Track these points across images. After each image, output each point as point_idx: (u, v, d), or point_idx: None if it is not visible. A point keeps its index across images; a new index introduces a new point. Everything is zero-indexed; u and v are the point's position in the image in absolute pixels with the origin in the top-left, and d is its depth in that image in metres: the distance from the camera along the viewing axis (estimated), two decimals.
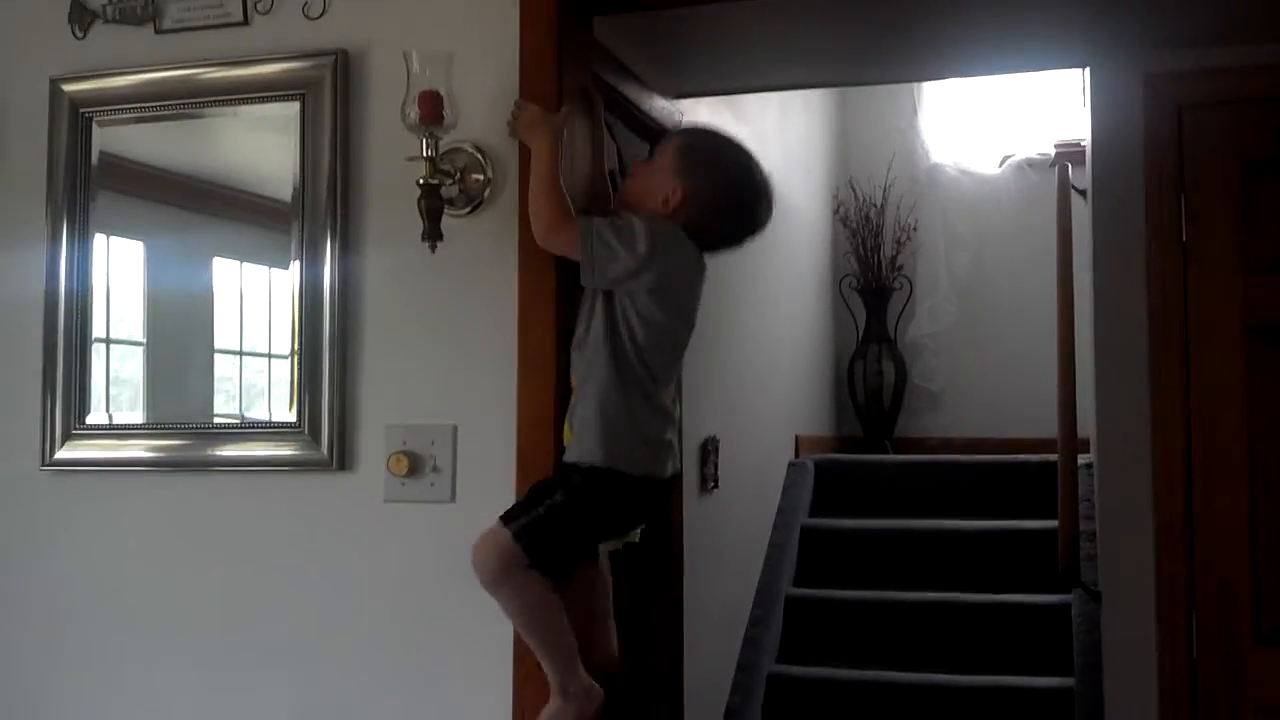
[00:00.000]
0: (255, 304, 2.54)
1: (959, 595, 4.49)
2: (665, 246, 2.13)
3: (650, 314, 2.12)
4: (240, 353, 2.58)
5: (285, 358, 2.45)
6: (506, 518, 2.11)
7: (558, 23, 2.32)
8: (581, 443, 2.13)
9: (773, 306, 4.97)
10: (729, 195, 2.23)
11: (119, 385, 2.62)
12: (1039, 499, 4.64)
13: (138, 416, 2.58)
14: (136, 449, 2.53)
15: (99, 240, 2.61)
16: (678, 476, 2.28)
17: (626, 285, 2.12)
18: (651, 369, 2.14)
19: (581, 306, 2.21)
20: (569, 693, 2.11)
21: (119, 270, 2.63)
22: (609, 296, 2.14)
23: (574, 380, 2.20)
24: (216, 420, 2.53)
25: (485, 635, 2.27)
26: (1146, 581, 3.25)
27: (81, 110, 2.58)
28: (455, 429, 2.34)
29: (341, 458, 2.38)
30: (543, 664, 2.13)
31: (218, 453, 2.47)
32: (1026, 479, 4.92)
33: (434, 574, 2.33)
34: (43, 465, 2.57)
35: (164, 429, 2.53)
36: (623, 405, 2.12)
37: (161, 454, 2.51)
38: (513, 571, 2.06)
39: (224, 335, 2.58)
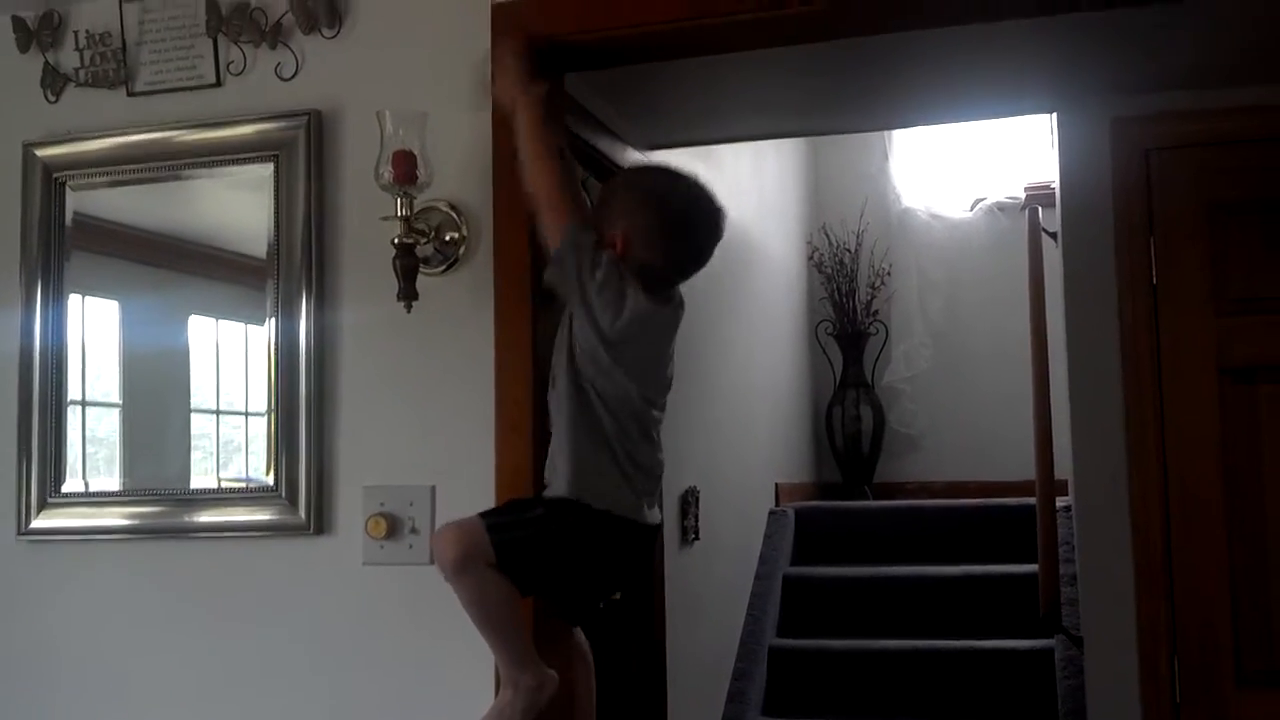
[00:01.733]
0: (232, 361, 2.54)
1: (942, 642, 4.47)
2: (618, 293, 2.10)
3: (602, 361, 2.10)
4: (217, 411, 2.57)
5: (262, 415, 2.44)
6: (484, 514, 2.11)
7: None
8: (554, 479, 2.13)
9: (749, 354, 4.98)
10: (666, 225, 2.18)
11: (95, 444, 2.61)
12: (1019, 542, 4.63)
13: (114, 481, 2.57)
14: (113, 517, 2.51)
15: (74, 300, 2.61)
16: (659, 528, 2.26)
17: (572, 301, 2.11)
18: (618, 418, 2.12)
19: (555, 347, 2.20)
20: (520, 687, 2.11)
21: (94, 330, 2.63)
22: (569, 338, 2.13)
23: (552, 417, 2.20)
24: (194, 486, 2.50)
25: (467, 693, 2.25)
26: (1128, 625, 3.24)
27: (55, 175, 2.58)
28: (433, 489, 2.33)
29: (319, 521, 2.37)
30: (495, 656, 2.14)
31: (195, 519, 2.45)
32: (1006, 523, 4.92)
33: (413, 636, 2.31)
34: (19, 535, 2.55)
35: (141, 496, 2.51)
36: (589, 447, 2.11)
37: (138, 521, 2.49)
38: (476, 563, 2.05)
39: (201, 393, 2.58)
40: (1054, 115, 3.67)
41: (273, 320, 2.43)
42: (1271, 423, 3.22)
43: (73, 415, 2.59)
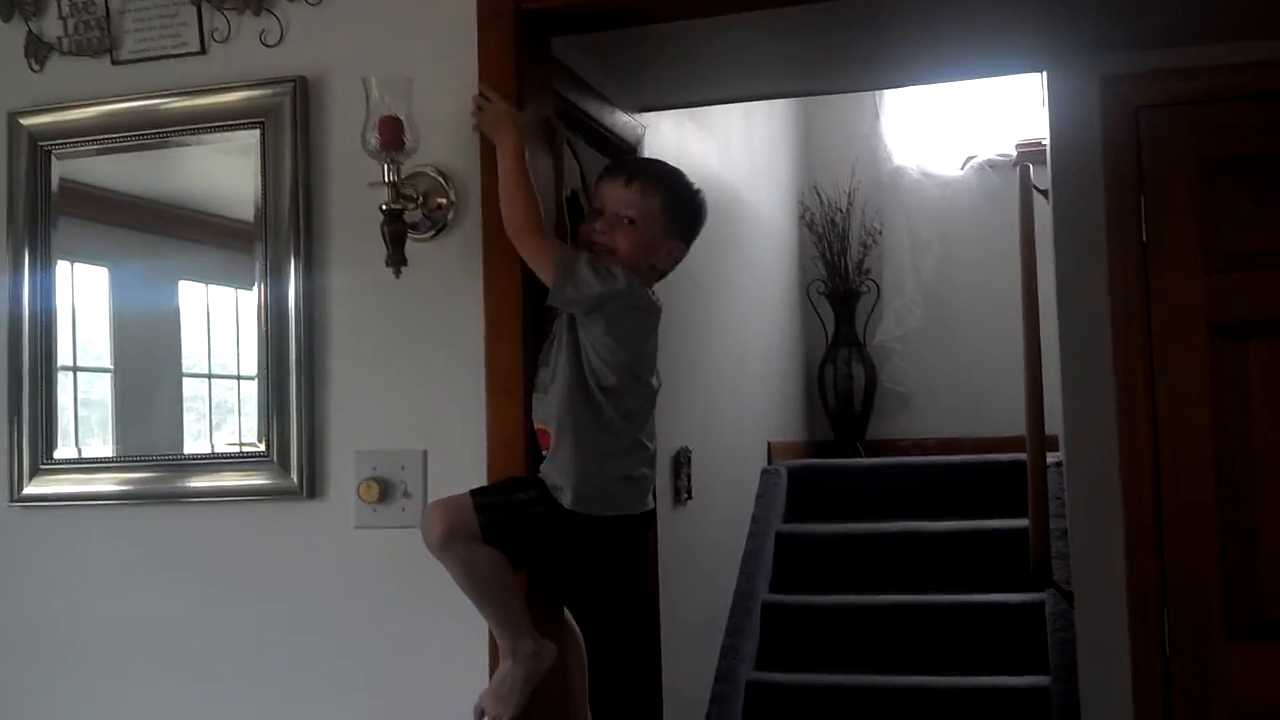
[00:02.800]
0: (223, 326, 2.54)
1: (933, 597, 4.51)
2: (636, 295, 2.15)
3: (615, 357, 2.12)
4: (209, 375, 2.57)
5: (253, 379, 2.44)
6: (475, 491, 2.13)
7: (516, 44, 2.32)
8: (556, 478, 2.13)
9: (741, 314, 4.99)
10: (694, 235, 2.32)
11: (88, 409, 2.61)
12: (1010, 498, 4.67)
13: (106, 446, 2.57)
14: (106, 483, 2.51)
15: (63, 267, 2.60)
16: (653, 513, 2.28)
17: (593, 316, 2.12)
18: (622, 409, 2.14)
19: (546, 349, 2.21)
20: (518, 656, 2.12)
21: (84, 296, 2.62)
22: (575, 342, 2.15)
23: (538, 424, 2.21)
24: (186, 450, 2.51)
25: (460, 657, 2.27)
26: (1118, 579, 3.27)
27: (40, 143, 2.57)
28: (425, 454, 2.33)
29: (312, 486, 2.38)
30: (492, 628, 2.16)
31: (188, 484, 2.46)
32: (997, 478, 4.95)
33: (406, 599, 2.32)
34: (11, 501, 2.56)
35: (133, 462, 2.51)
36: (594, 446, 2.13)
37: (131, 487, 2.49)
38: (461, 537, 2.07)
39: (192, 358, 2.57)
40: (1044, 74, 3.67)
41: (261, 285, 2.43)
42: (1261, 379, 3.23)
43: (64, 381, 2.58)
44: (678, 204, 2.26)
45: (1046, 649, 4.09)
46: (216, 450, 2.49)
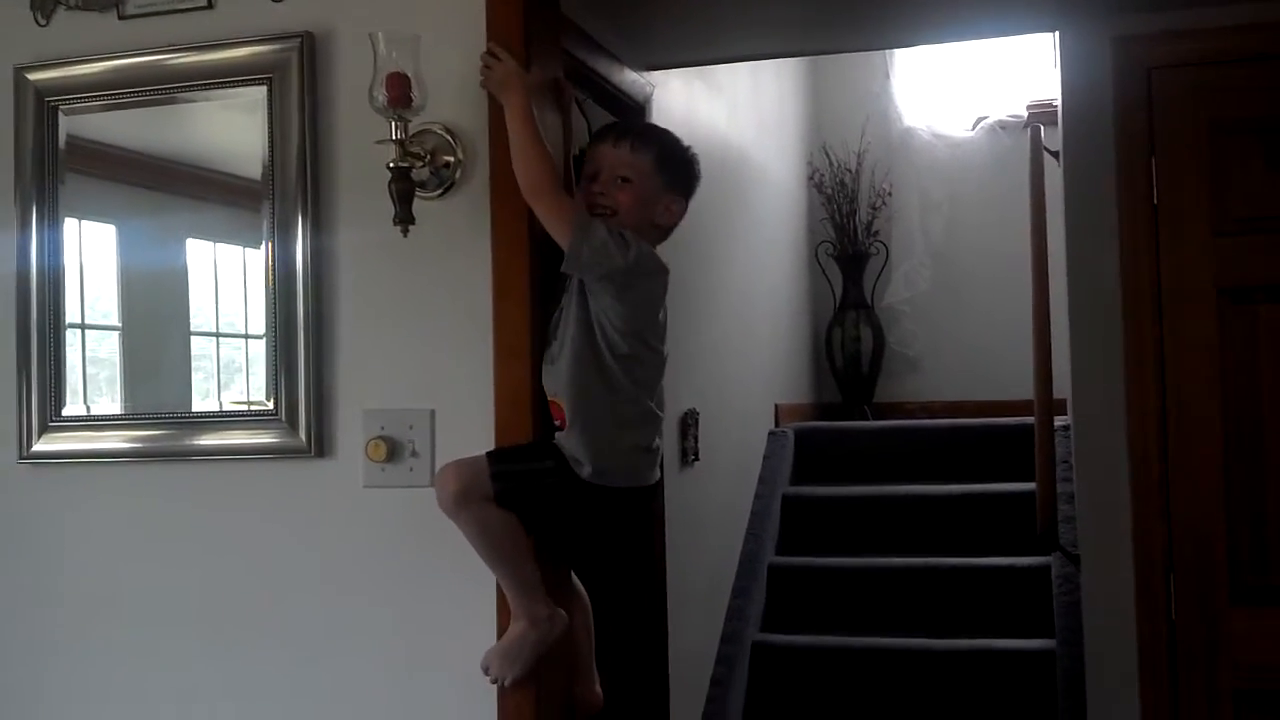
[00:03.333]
0: (231, 284, 2.53)
1: (940, 560, 4.52)
2: (649, 261, 2.15)
3: (627, 323, 2.12)
4: (217, 334, 2.57)
5: (262, 337, 2.44)
6: (492, 455, 2.13)
7: (525, 1, 2.31)
8: (572, 446, 2.13)
9: (749, 276, 4.97)
10: (692, 191, 2.33)
11: (96, 367, 2.60)
12: (1017, 462, 4.66)
13: (115, 404, 2.57)
14: (114, 440, 2.51)
15: (70, 224, 2.59)
16: (659, 485, 2.29)
17: (604, 283, 2.11)
18: (634, 377, 2.15)
19: (556, 319, 2.21)
20: (532, 619, 2.13)
21: (92, 254, 2.62)
22: (585, 311, 2.14)
23: (550, 396, 2.20)
24: (195, 409, 2.51)
25: (469, 616, 2.27)
26: (1124, 543, 3.27)
27: (47, 99, 2.56)
28: (433, 413, 2.33)
29: (320, 444, 2.38)
30: (505, 589, 2.16)
31: (196, 442, 2.46)
32: (1004, 442, 4.95)
33: (415, 557, 2.33)
34: (20, 458, 2.56)
35: (142, 419, 2.51)
36: (609, 417, 2.13)
37: (140, 444, 2.50)
38: (473, 499, 2.07)
39: (200, 316, 2.57)
40: (1056, 33, 3.64)
41: (269, 244, 2.42)
42: (1270, 343, 3.22)
43: (72, 339, 2.58)
44: (670, 158, 2.27)
45: (1052, 612, 4.10)
46: (224, 409, 2.50)
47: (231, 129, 2.54)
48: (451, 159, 2.32)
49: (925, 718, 4.13)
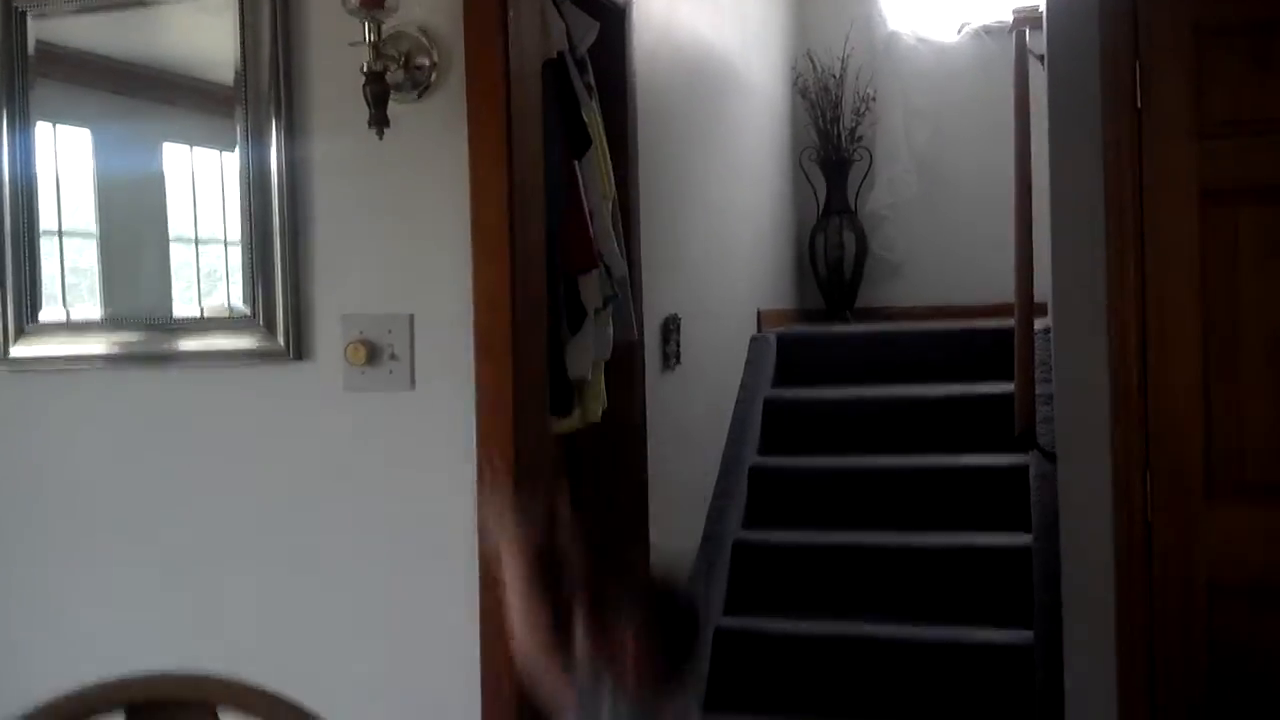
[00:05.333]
0: (208, 189, 2.51)
1: (919, 459, 4.56)
2: None
3: None
4: (195, 240, 2.55)
5: (239, 244, 2.43)
6: None
7: None
8: None
9: (732, 182, 4.95)
10: None
11: (77, 274, 2.60)
12: (997, 364, 4.68)
13: (94, 310, 2.57)
14: (94, 344, 2.52)
15: (43, 129, 2.57)
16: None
17: None
18: None
19: None
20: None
21: (67, 159, 2.59)
22: None
23: None
24: (175, 315, 2.50)
25: (448, 517, 2.30)
26: (1101, 444, 3.29)
27: (14, 4, 2.52)
28: (411, 317, 2.34)
29: (298, 348, 2.39)
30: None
31: (175, 347, 2.47)
32: (985, 345, 4.96)
33: (396, 460, 2.34)
34: None
35: (120, 323, 2.51)
36: None
37: (119, 349, 2.50)
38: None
39: (178, 222, 2.56)
40: None
41: (243, 150, 2.40)
42: (1250, 246, 3.22)
43: (48, 247, 2.57)
44: None
45: (1029, 509, 4.15)
46: (205, 314, 2.49)
47: (203, 33, 2.50)
48: (426, 61, 2.30)
49: (904, 608, 4.17)
